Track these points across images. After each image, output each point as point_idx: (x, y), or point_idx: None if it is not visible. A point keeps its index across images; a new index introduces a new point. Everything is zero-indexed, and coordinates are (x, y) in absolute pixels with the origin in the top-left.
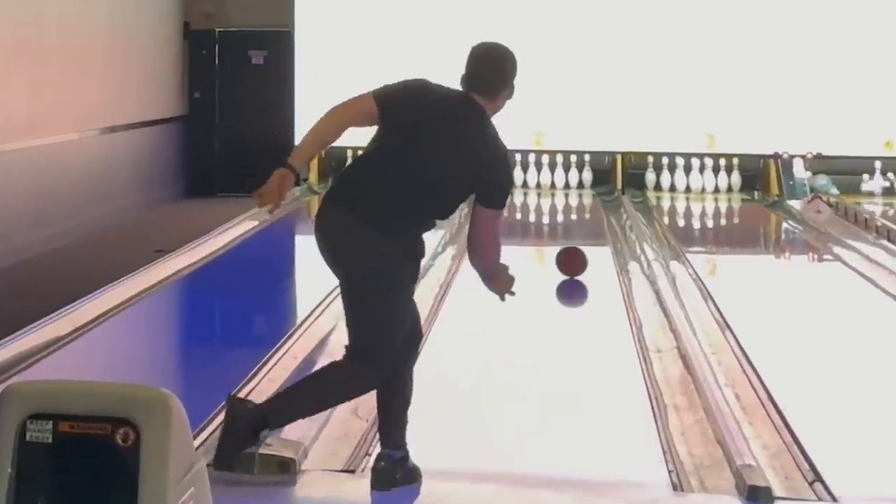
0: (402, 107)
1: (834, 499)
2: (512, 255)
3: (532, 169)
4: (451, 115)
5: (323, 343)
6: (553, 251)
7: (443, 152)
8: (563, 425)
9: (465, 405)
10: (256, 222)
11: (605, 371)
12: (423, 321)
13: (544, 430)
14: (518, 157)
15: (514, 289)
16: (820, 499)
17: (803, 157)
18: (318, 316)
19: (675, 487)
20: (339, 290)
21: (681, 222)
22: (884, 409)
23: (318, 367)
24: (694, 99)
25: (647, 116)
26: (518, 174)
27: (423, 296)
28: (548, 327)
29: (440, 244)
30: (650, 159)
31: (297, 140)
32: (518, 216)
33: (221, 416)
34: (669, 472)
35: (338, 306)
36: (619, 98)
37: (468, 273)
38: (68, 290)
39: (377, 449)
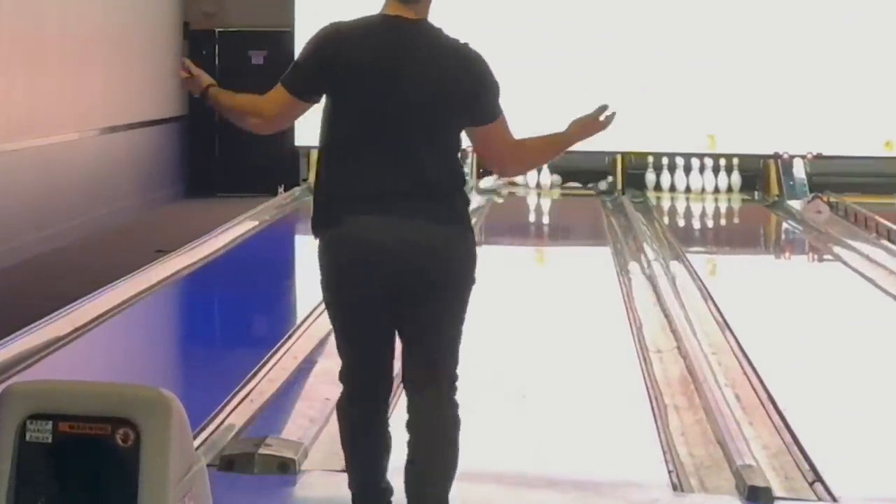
0: (339, 68)
1: (834, 499)
2: (512, 256)
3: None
4: (400, 47)
5: (322, 343)
6: (554, 251)
7: (420, 90)
8: (563, 425)
9: (465, 405)
10: (256, 222)
11: (605, 371)
12: None
13: (545, 430)
14: None
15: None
16: (820, 499)
17: (803, 157)
18: (318, 316)
19: (675, 488)
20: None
21: (681, 222)
22: (884, 410)
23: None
24: (694, 99)
25: (647, 116)
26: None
27: None
28: (548, 327)
29: None
30: (650, 159)
31: (297, 140)
32: (519, 216)
33: (221, 416)
34: (669, 472)
35: None
36: (618, 98)
37: None
38: (68, 290)
39: None
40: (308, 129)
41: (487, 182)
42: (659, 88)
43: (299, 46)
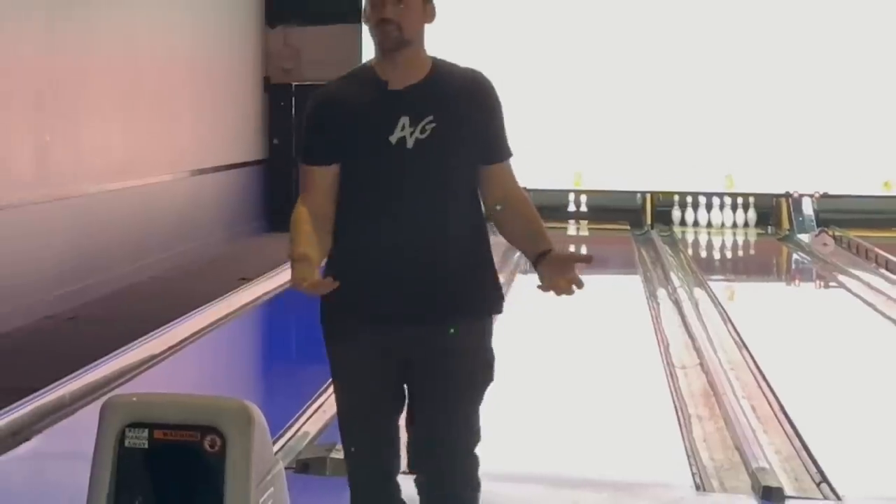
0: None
1: (838, 497)
2: None
3: (571, 205)
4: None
5: None
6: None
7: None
8: (598, 432)
9: (510, 416)
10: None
11: (636, 384)
12: None
13: (582, 435)
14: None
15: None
16: (826, 497)
17: (811, 196)
18: None
19: (698, 488)
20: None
21: (703, 253)
22: (882, 418)
23: None
24: (714, 144)
25: (672, 159)
26: (558, 210)
27: None
28: (586, 345)
29: None
30: (676, 198)
31: None
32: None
33: (297, 424)
34: (693, 474)
35: None
36: (648, 143)
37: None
38: (162, 314)
39: None
40: None
41: None
42: (683, 135)
43: None
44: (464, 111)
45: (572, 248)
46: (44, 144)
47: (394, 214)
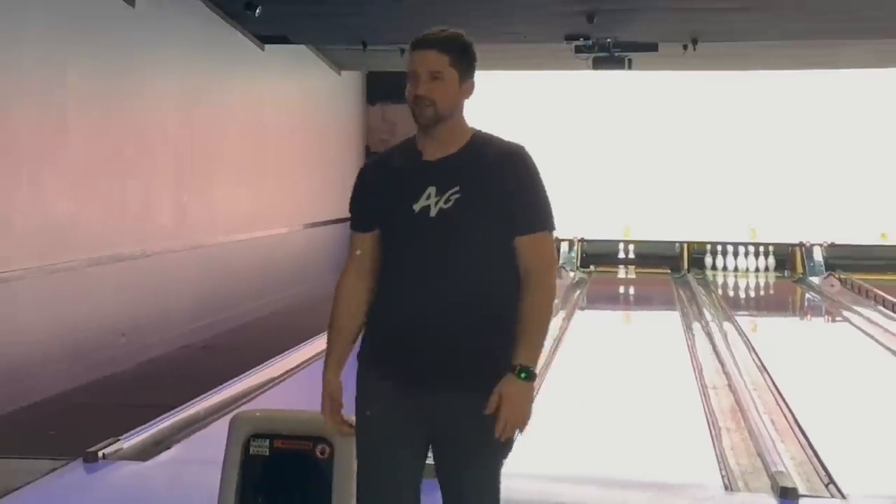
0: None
1: (843, 496)
2: (606, 316)
3: (621, 252)
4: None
5: None
6: (637, 314)
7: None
8: (642, 441)
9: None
10: None
11: (674, 401)
12: None
13: (631, 445)
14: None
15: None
16: (832, 496)
17: (821, 245)
18: None
19: (726, 488)
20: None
21: (730, 293)
22: (880, 429)
23: None
24: (740, 202)
25: (705, 215)
26: (610, 256)
27: None
28: (631, 368)
29: None
30: (708, 246)
31: None
32: (611, 288)
33: None
34: (722, 476)
35: None
36: (685, 202)
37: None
38: (280, 344)
39: None
40: None
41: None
42: (713, 195)
43: None
44: (490, 183)
45: (622, 290)
46: (183, 203)
47: (417, 281)
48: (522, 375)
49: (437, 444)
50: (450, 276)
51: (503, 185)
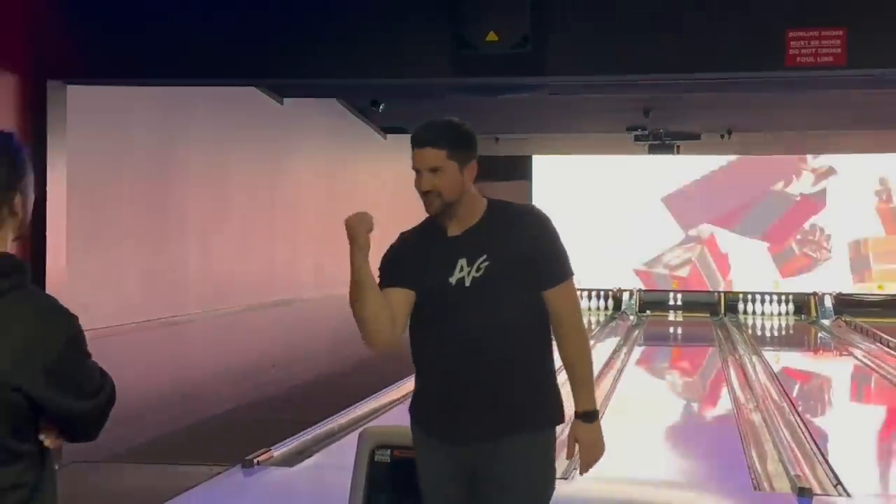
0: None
1: (849, 495)
2: (658, 351)
3: (671, 300)
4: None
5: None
6: (683, 349)
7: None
8: (688, 449)
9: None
10: None
11: (713, 418)
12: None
13: (678, 453)
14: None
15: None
16: (840, 495)
17: (830, 294)
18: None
19: (755, 488)
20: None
21: (758, 332)
22: (879, 440)
23: None
24: (765, 262)
25: (738, 272)
26: (662, 303)
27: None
28: (680, 392)
29: None
30: (740, 295)
31: None
32: (662, 328)
33: None
34: (752, 478)
35: None
36: (723, 261)
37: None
38: (399, 372)
39: None
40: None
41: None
42: (745, 257)
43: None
44: (513, 245)
45: (671, 329)
46: (321, 261)
47: (457, 344)
48: (588, 419)
49: (483, 494)
50: (489, 338)
51: (524, 245)
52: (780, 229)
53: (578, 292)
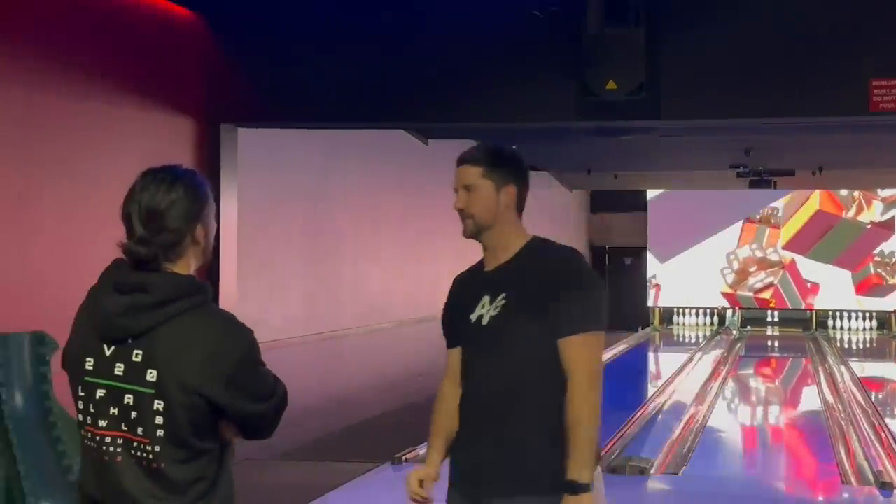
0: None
1: None
2: (756, 362)
3: (769, 317)
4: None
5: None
6: (779, 360)
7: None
8: (782, 449)
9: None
10: (625, 346)
11: (806, 420)
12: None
13: (775, 452)
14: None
15: None
16: None
17: None
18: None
19: (842, 481)
20: None
21: (845, 345)
22: None
23: None
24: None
25: (827, 291)
26: (761, 320)
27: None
28: (775, 398)
29: None
30: (830, 313)
31: (649, 301)
32: (761, 342)
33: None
34: (839, 473)
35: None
36: (803, 284)
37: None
38: None
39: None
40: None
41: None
42: (834, 281)
43: (650, 258)
44: (537, 287)
45: (769, 343)
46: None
47: (471, 389)
48: (573, 490)
49: None
50: (498, 382)
51: (549, 288)
52: (853, 254)
53: (688, 310)
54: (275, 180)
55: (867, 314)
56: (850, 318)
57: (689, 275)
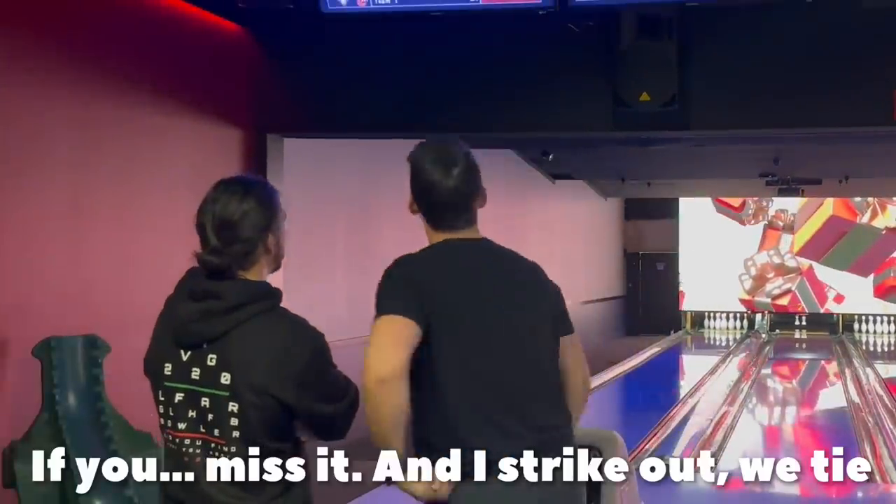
0: (430, 300)
1: None
2: (784, 363)
3: (797, 321)
4: (495, 267)
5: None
6: (809, 361)
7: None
8: (810, 448)
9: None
10: (658, 349)
11: (832, 418)
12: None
13: (802, 449)
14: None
15: None
16: None
17: None
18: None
19: (868, 480)
20: None
21: (870, 348)
22: None
23: None
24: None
25: (851, 296)
26: (790, 324)
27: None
28: (803, 397)
29: None
30: (855, 317)
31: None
32: (789, 343)
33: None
34: (867, 473)
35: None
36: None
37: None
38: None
39: None
40: (689, 296)
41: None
42: (860, 287)
43: (682, 261)
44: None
45: (797, 345)
46: None
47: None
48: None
49: None
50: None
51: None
52: (868, 260)
53: (718, 314)
54: (319, 190)
55: (892, 318)
56: (874, 321)
57: (718, 279)
